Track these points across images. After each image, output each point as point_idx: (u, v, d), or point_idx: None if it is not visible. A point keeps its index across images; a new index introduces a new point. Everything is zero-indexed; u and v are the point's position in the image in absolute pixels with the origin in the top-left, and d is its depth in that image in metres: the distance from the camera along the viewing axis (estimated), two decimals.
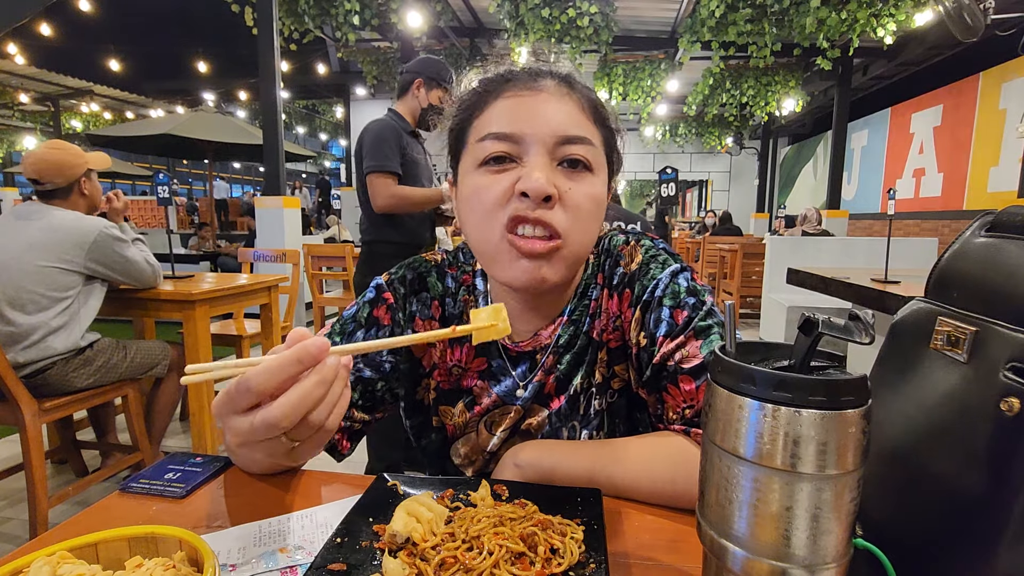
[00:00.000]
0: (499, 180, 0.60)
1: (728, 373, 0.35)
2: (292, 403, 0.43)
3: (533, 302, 0.70)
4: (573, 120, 0.62)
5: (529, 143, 0.60)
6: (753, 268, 5.56)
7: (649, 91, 7.69)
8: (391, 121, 2.16)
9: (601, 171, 0.64)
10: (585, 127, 0.62)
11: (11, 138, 12.07)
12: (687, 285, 0.66)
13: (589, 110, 0.64)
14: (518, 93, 0.63)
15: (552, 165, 0.60)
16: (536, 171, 0.58)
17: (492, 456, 0.73)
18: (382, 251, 2.19)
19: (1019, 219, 0.38)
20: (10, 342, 1.75)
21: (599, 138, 0.64)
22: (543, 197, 0.58)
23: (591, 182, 0.62)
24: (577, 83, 0.66)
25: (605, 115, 0.66)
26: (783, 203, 11.73)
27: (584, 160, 0.61)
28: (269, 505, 0.58)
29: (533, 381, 0.71)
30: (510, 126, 0.61)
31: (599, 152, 0.63)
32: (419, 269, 0.76)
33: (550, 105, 0.62)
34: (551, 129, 0.60)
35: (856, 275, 2.26)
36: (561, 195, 0.59)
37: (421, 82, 2.17)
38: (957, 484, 0.36)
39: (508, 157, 0.61)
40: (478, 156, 0.62)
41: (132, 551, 0.41)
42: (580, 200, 0.60)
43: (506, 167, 0.61)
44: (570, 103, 0.63)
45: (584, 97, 0.65)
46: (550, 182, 0.58)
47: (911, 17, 5.14)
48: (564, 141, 0.60)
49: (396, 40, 7.17)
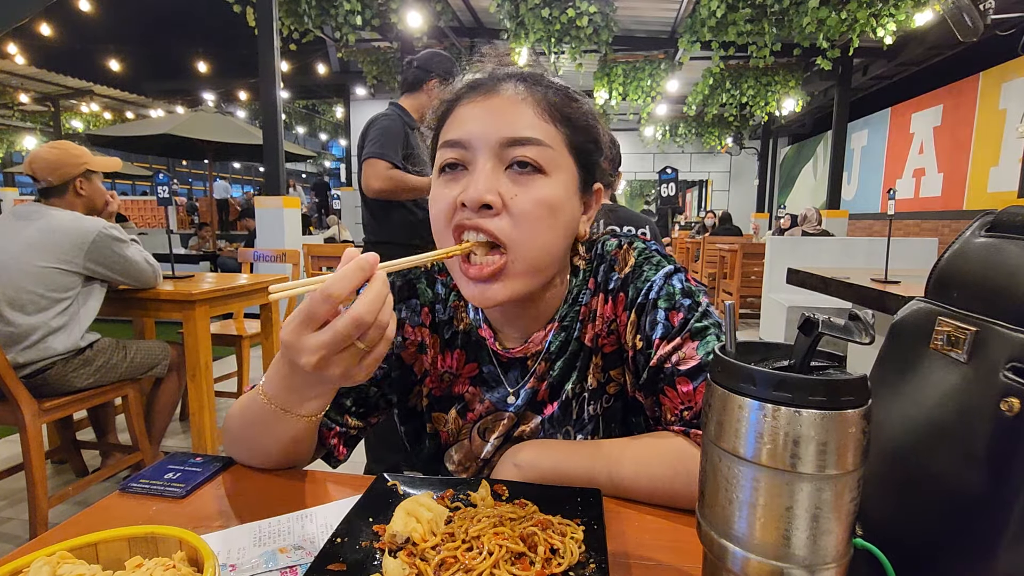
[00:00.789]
0: (449, 190, 0.60)
1: (728, 373, 0.35)
2: (370, 299, 0.47)
3: (519, 310, 0.69)
4: (523, 121, 0.60)
5: (476, 148, 0.60)
6: (753, 268, 5.56)
7: (649, 91, 7.69)
8: (398, 117, 2.14)
9: (559, 172, 0.61)
10: (536, 128, 0.60)
11: (11, 138, 12.07)
12: (681, 286, 0.66)
13: (547, 110, 0.62)
14: (474, 99, 0.63)
15: (500, 169, 0.59)
16: (478, 179, 0.58)
17: (486, 463, 0.73)
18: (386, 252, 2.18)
19: (1019, 219, 0.38)
20: (10, 342, 1.75)
21: (558, 138, 0.62)
22: (479, 205, 0.57)
23: (542, 185, 0.59)
24: (539, 83, 0.64)
25: (570, 113, 0.63)
26: (783, 203, 11.74)
27: (533, 162, 0.59)
28: (269, 505, 0.58)
29: (525, 388, 0.70)
30: (459, 132, 0.61)
31: (556, 153, 0.61)
32: (408, 275, 0.76)
33: (500, 108, 0.61)
34: (497, 132, 0.59)
35: (856, 275, 2.26)
36: (506, 202, 0.58)
37: (437, 81, 2.14)
38: (957, 484, 0.36)
39: (460, 164, 0.61)
40: (439, 163, 0.63)
41: (132, 551, 0.41)
42: (526, 206, 0.58)
43: (458, 175, 0.61)
44: (522, 105, 0.61)
45: (542, 97, 0.62)
46: (490, 189, 0.57)
47: (911, 17, 5.14)
48: (510, 143, 0.59)
49: (396, 40, 7.17)
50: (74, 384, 1.88)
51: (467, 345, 0.73)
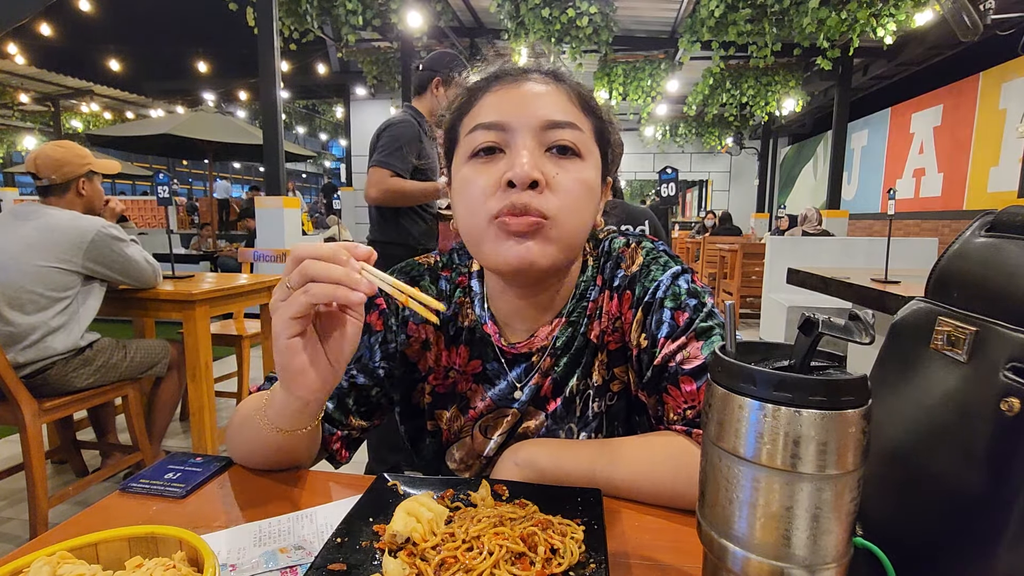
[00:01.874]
0: (488, 171, 0.61)
1: (728, 373, 0.35)
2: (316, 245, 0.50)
3: (530, 297, 0.70)
4: (559, 107, 0.62)
5: (516, 130, 0.61)
6: (753, 268, 5.56)
7: (649, 91, 7.69)
8: (413, 122, 2.14)
9: (591, 158, 0.64)
10: (572, 114, 0.63)
11: (11, 138, 12.07)
12: (688, 287, 0.66)
13: (577, 99, 0.65)
14: (505, 86, 0.64)
15: (540, 151, 0.61)
16: (522, 157, 0.59)
17: (489, 461, 0.72)
18: (391, 253, 2.19)
19: (1019, 219, 0.38)
20: (9, 342, 1.75)
21: (588, 126, 0.64)
22: (529, 183, 0.58)
23: (580, 167, 0.62)
24: (564, 76, 0.67)
25: (594, 105, 0.67)
26: (783, 203, 11.73)
27: (572, 146, 0.61)
28: (269, 505, 0.58)
29: (530, 383, 0.70)
30: (497, 115, 0.62)
31: (588, 139, 0.64)
32: (412, 273, 0.76)
33: (536, 93, 0.63)
34: (537, 115, 0.61)
35: (856, 275, 2.26)
36: (549, 180, 0.60)
37: (440, 80, 2.14)
38: (957, 484, 0.36)
39: (497, 147, 0.61)
40: (468, 149, 0.63)
41: (132, 551, 0.41)
42: (569, 184, 0.60)
43: (495, 158, 0.61)
44: (556, 92, 0.64)
45: (571, 87, 0.65)
46: (536, 167, 0.59)
47: (911, 17, 5.14)
48: (551, 126, 0.61)
49: (396, 40, 7.17)
50: (74, 384, 1.88)
51: (471, 342, 0.73)
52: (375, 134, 2.14)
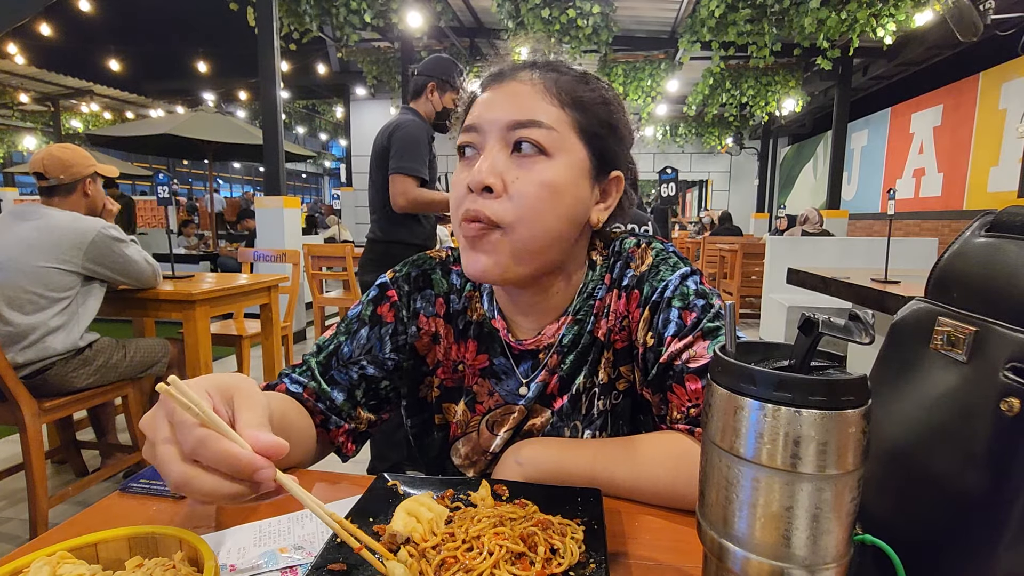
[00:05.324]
0: (462, 175, 0.63)
1: (728, 373, 0.35)
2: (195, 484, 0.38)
3: (525, 299, 0.70)
4: (527, 105, 0.61)
5: (486, 132, 0.62)
6: (753, 268, 5.56)
7: (649, 91, 7.69)
8: (422, 122, 2.15)
9: (563, 155, 0.61)
10: (540, 110, 0.61)
11: (11, 138, 12.07)
12: (696, 288, 0.66)
13: (556, 93, 0.62)
14: (491, 87, 0.65)
15: (506, 152, 0.61)
16: (481, 162, 0.60)
17: (494, 457, 0.73)
18: (398, 252, 2.18)
19: (1019, 219, 0.38)
20: (9, 342, 1.75)
21: (565, 121, 0.62)
22: (482, 188, 0.59)
23: (544, 168, 0.60)
24: (554, 69, 0.65)
25: (583, 96, 0.64)
26: (783, 203, 11.72)
27: (536, 144, 0.60)
28: (269, 505, 0.58)
29: (536, 380, 0.70)
30: (473, 117, 0.63)
31: (563, 135, 0.61)
32: (423, 266, 0.76)
33: (509, 93, 0.63)
34: (503, 115, 0.61)
35: (856, 275, 2.26)
36: (507, 185, 0.60)
37: (434, 85, 2.15)
38: (957, 484, 0.36)
39: (473, 148, 0.63)
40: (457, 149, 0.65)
41: (132, 551, 0.41)
42: (527, 189, 0.59)
43: (471, 160, 0.63)
44: (531, 89, 0.62)
45: (553, 81, 0.63)
46: (492, 172, 0.59)
47: (911, 17, 5.14)
48: (515, 126, 0.60)
49: (396, 40, 7.17)
50: (74, 384, 1.88)
51: (480, 336, 0.74)
52: (385, 136, 2.14)
